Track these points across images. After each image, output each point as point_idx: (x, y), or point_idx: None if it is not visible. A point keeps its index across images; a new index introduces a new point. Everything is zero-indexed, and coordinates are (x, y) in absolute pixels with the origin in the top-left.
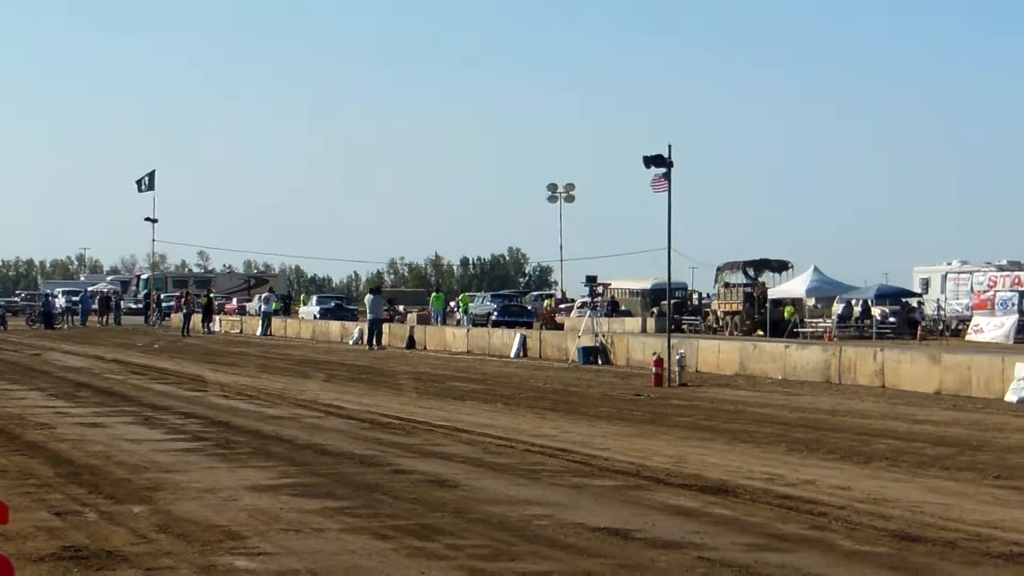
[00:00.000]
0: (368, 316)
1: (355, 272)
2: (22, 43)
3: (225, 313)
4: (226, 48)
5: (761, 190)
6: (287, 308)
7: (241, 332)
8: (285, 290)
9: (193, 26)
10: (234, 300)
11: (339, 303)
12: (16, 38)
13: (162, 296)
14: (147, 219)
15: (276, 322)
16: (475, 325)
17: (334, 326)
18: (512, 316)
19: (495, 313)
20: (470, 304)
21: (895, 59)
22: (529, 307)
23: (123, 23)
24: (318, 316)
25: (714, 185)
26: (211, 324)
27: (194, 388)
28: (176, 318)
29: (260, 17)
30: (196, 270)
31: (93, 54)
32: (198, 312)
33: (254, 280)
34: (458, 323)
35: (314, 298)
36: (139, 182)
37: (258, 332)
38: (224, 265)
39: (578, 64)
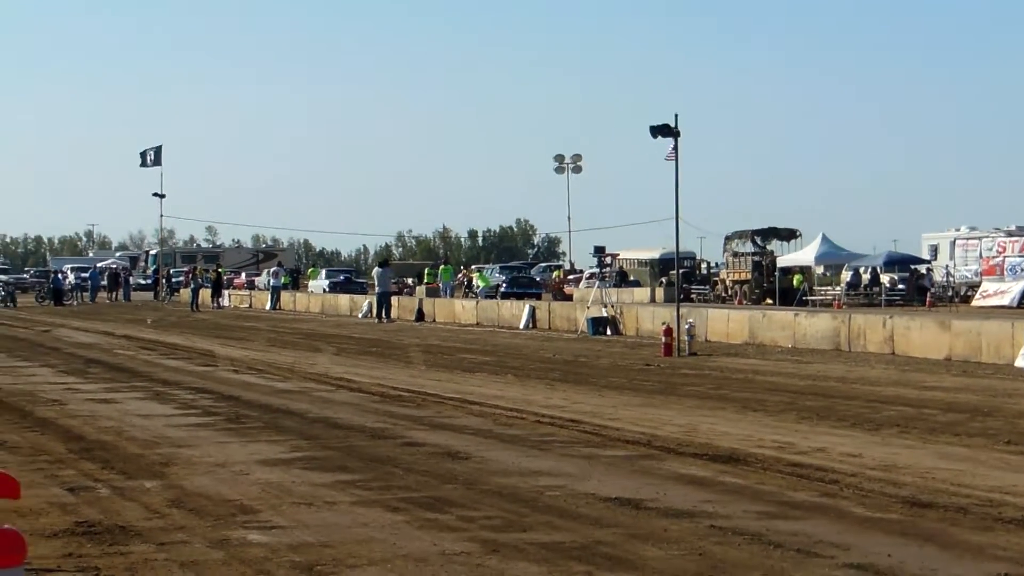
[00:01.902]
0: (377, 289)
1: (363, 245)
2: (26, 20)
3: (234, 288)
4: (231, 21)
5: (769, 158)
6: (296, 282)
7: (250, 307)
8: (294, 264)
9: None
10: (243, 274)
11: (348, 276)
12: (19, 15)
13: (171, 271)
14: (155, 194)
15: (285, 296)
16: (487, 298)
17: (343, 299)
18: (521, 288)
19: (504, 285)
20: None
21: (901, 27)
22: (538, 279)
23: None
24: (327, 289)
25: (722, 154)
26: (220, 299)
27: (204, 363)
28: (185, 293)
29: None
30: (204, 245)
31: (98, 31)
32: (207, 287)
33: (263, 254)
34: (465, 295)
35: (323, 272)
36: (143, 155)
37: (267, 306)
38: (232, 240)
39: (583, 34)
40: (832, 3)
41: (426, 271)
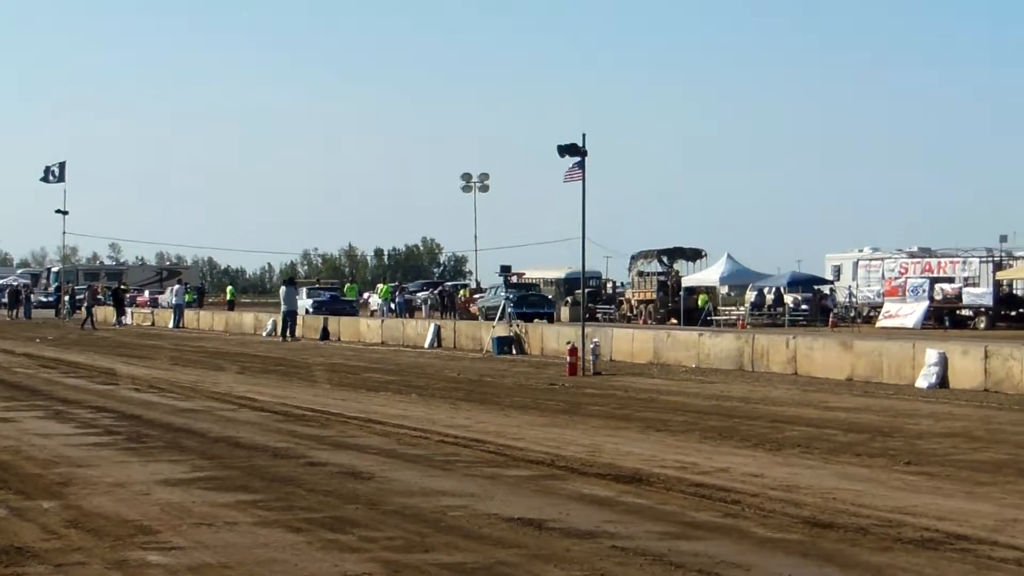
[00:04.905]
0: (282, 307)
1: (269, 263)
2: None
3: (137, 306)
4: (130, 39)
5: (675, 179)
6: (201, 300)
7: (153, 324)
8: (199, 282)
9: (101, 15)
10: (146, 292)
11: (335, 296)
12: None
13: (75, 288)
14: (58, 211)
15: (189, 314)
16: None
17: (247, 317)
18: (531, 308)
19: (510, 305)
20: (390, 294)
21: (803, 46)
22: (550, 296)
23: (28, 15)
24: (310, 311)
25: (628, 174)
26: (123, 317)
27: (106, 381)
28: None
29: (168, 8)
30: (108, 262)
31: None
32: (110, 304)
33: (166, 272)
34: (372, 314)
35: (303, 290)
36: (47, 171)
37: (170, 324)
38: (136, 257)
39: (490, 52)
40: (736, 24)
41: (346, 287)
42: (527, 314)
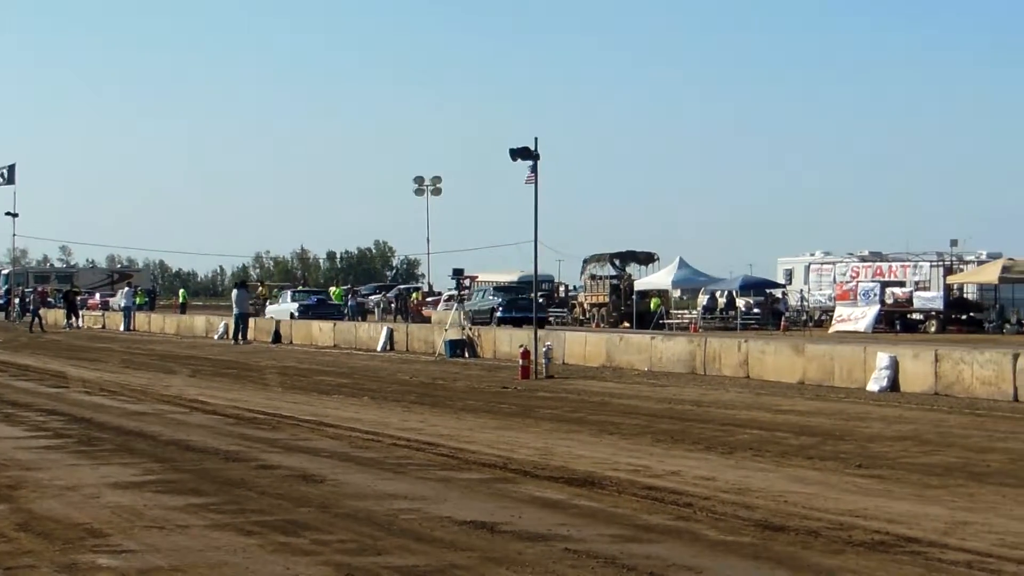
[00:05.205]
0: (234, 310)
1: (220, 266)
2: None
3: (88, 308)
4: (83, 40)
5: (627, 182)
6: (152, 303)
7: (104, 327)
8: (150, 285)
9: (53, 20)
10: (97, 295)
11: (322, 299)
12: None
13: (25, 291)
14: (8, 214)
15: (140, 317)
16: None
17: (199, 320)
18: (521, 312)
19: (499, 309)
20: (343, 297)
21: (759, 46)
22: (542, 300)
23: None
24: (296, 315)
25: (581, 178)
26: (74, 320)
27: (56, 384)
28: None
29: (120, 11)
30: (59, 265)
31: None
32: (60, 307)
33: (117, 275)
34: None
35: (288, 293)
36: None
37: (121, 327)
38: (87, 260)
39: (444, 56)
40: (686, 26)
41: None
42: (516, 318)
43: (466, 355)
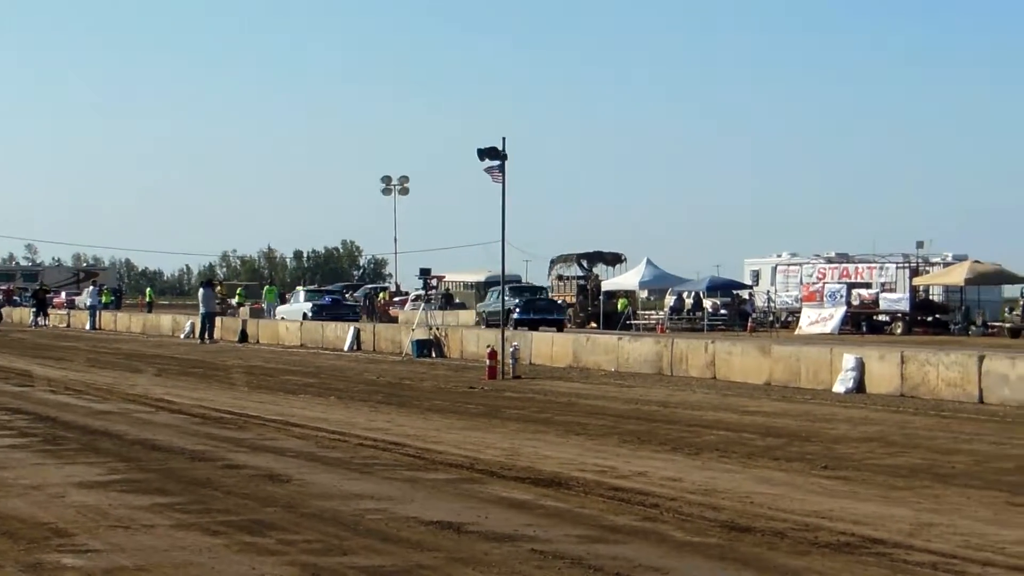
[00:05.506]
0: (201, 309)
1: (187, 265)
2: None
3: (53, 307)
4: (48, 36)
5: (595, 183)
6: (119, 302)
7: (69, 326)
8: (116, 283)
9: (19, 17)
10: (63, 294)
11: (337, 299)
12: None
13: None
14: None
15: (106, 316)
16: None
17: (165, 320)
18: (539, 314)
19: (517, 311)
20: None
21: (728, 47)
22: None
23: None
24: (309, 315)
25: (548, 178)
26: (42, 319)
27: (21, 383)
28: (7, 312)
29: (88, 7)
30: (24, 263)
31: None
32: (27, 305)
33: (83, 273)
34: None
35: (301, 292)
36: None
37: (87, 326)
38: (53, 258)
39: (412, 56)
40: (654, 26)
41: (266, 290)
42: (534, 320)
43: (433, 355)
